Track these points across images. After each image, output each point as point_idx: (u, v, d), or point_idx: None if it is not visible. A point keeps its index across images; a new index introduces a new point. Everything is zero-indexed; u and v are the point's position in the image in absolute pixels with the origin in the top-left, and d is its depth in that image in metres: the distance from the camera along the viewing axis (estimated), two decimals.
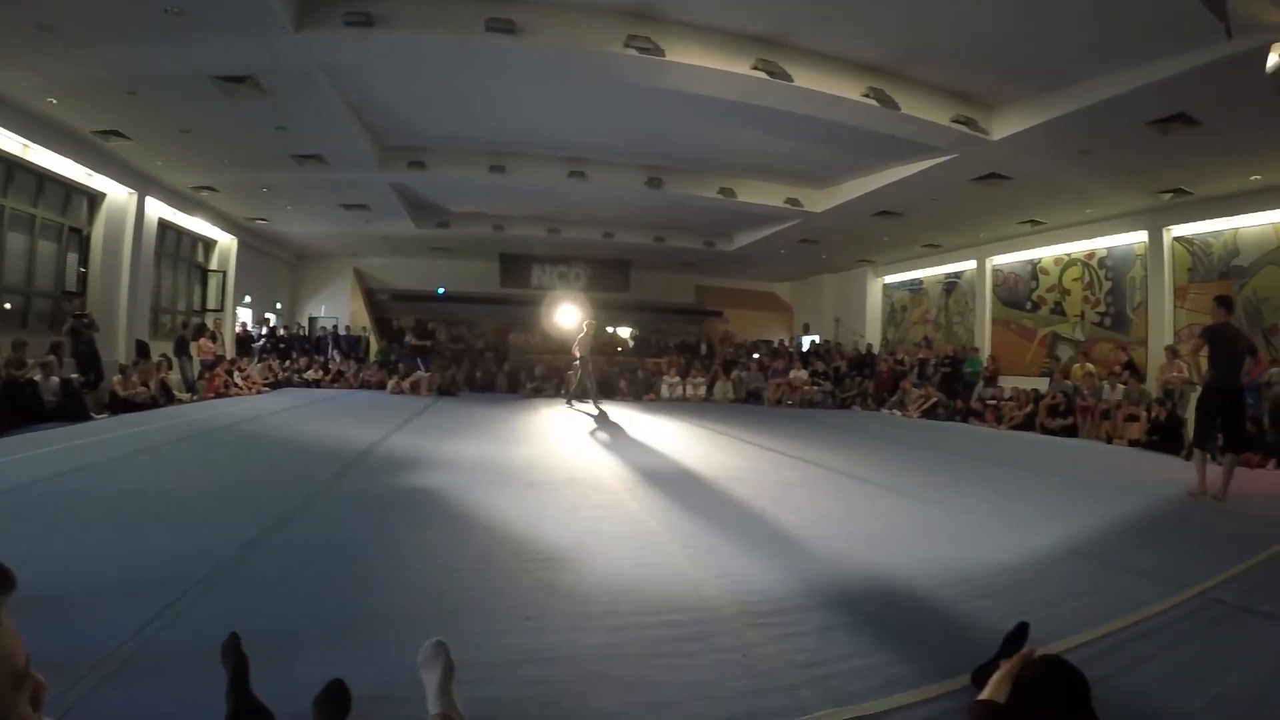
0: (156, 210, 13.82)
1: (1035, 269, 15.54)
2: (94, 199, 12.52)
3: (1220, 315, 6.43)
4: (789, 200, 14.11)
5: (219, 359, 14.27)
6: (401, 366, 17.02)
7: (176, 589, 3.00)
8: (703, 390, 17.20)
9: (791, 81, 8.27)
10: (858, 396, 16.46)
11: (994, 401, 13.27)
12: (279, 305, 21.48)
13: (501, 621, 2.86)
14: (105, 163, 11.76)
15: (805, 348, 20.97)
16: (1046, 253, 15.20)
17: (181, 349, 13.53)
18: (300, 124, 10.35)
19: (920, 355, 16.33)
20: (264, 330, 19.06)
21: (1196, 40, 6.64)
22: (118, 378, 10.48)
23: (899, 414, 14.52)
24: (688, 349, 21.88)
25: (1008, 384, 13.94)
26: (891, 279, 20.60)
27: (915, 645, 2.76)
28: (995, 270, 16.60)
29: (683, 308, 24.54)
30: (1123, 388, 11.15)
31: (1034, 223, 14.32)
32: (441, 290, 22.26)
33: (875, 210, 14.03)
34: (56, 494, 4.91)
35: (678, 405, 15.50)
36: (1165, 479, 7.21)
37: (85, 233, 12.46)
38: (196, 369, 13.66)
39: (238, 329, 18.28)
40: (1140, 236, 12.95)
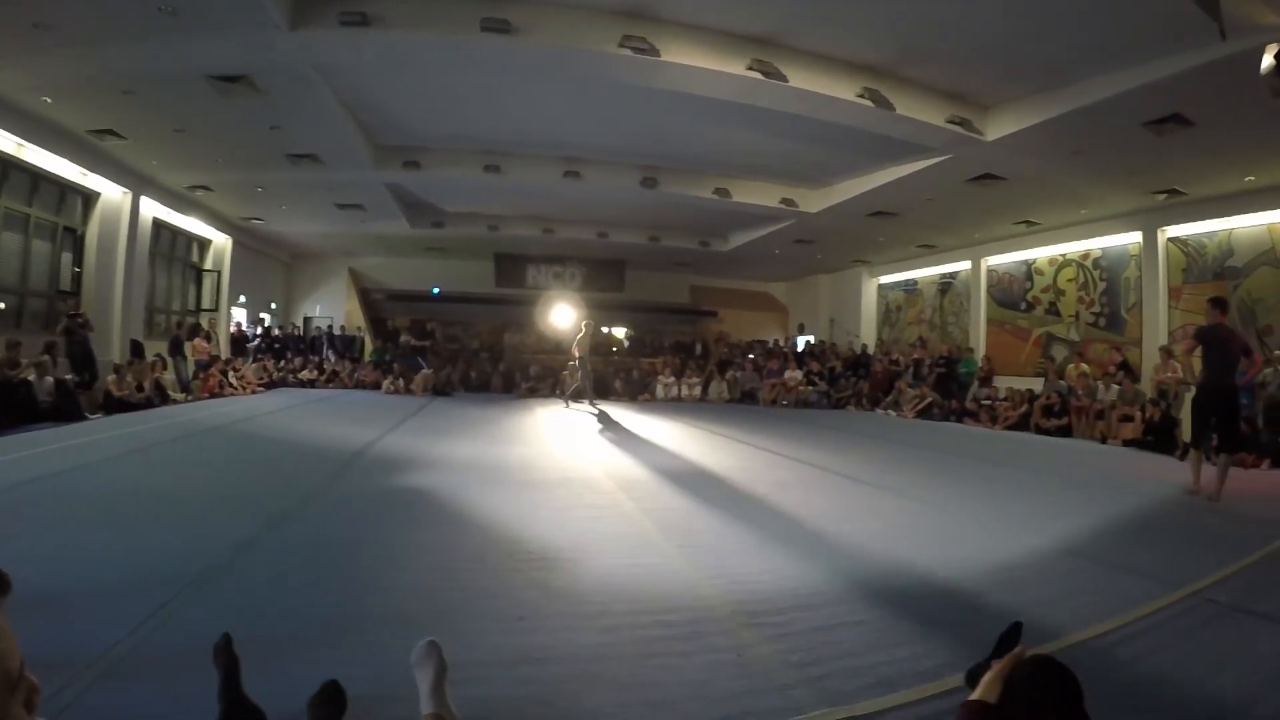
0: (151, 210, 13.77)
1: (1030, 269, 15.57)
2: (89, 198, 12.47)
3: (1214, 316, 6.44)
4: (784, 200, 14.12)
5: (214, 359, 14.23)
6: (396, 366, 17.02)
7: (170, 589, 3.00)
8: (698, 390, 17.20)
9: (786, 82, 8.28)
10: (853, 397, 16.47)
11: (989, 401, 13.29)
12: (274, 305, 21.41)
13: (495, 621, 2.86)
14: (100, 162, 11.72)
15: (800, 348, 21.02)
16: (1041, 253, 15.23)
17: (176, 349, 13.52)
18: (295, 123, 10.33)
19: (915, 355, 16.40)
20: (259, 330, 19.01)
21: (1191, 41, 6.66)
22: (112, 378, 10.46)
23: (894, 414, 14.55)
24: (683, 349, 21.87)
25: (1002, 384, 13.97)
26: (886, 279, 20.63)
27: (910, 645, 2.76)
28: (990, 270, 16.63)
29: (678, 308, 24.53)
30: (1117, 388, 11.18)
31: (1029, 223, 14.35)
32: (436, 290, 22.23)
33: (870, 210, 14.06)
34: (51, 494, 4.89)
35: (673, 405, 15.51)
36: (1160, 479, 7.23)
37: (80, 232, 12.42)
38: (191, 369, 13.64)
39: (232, 329, 18.24)
40: (1135, 237, 12.98)
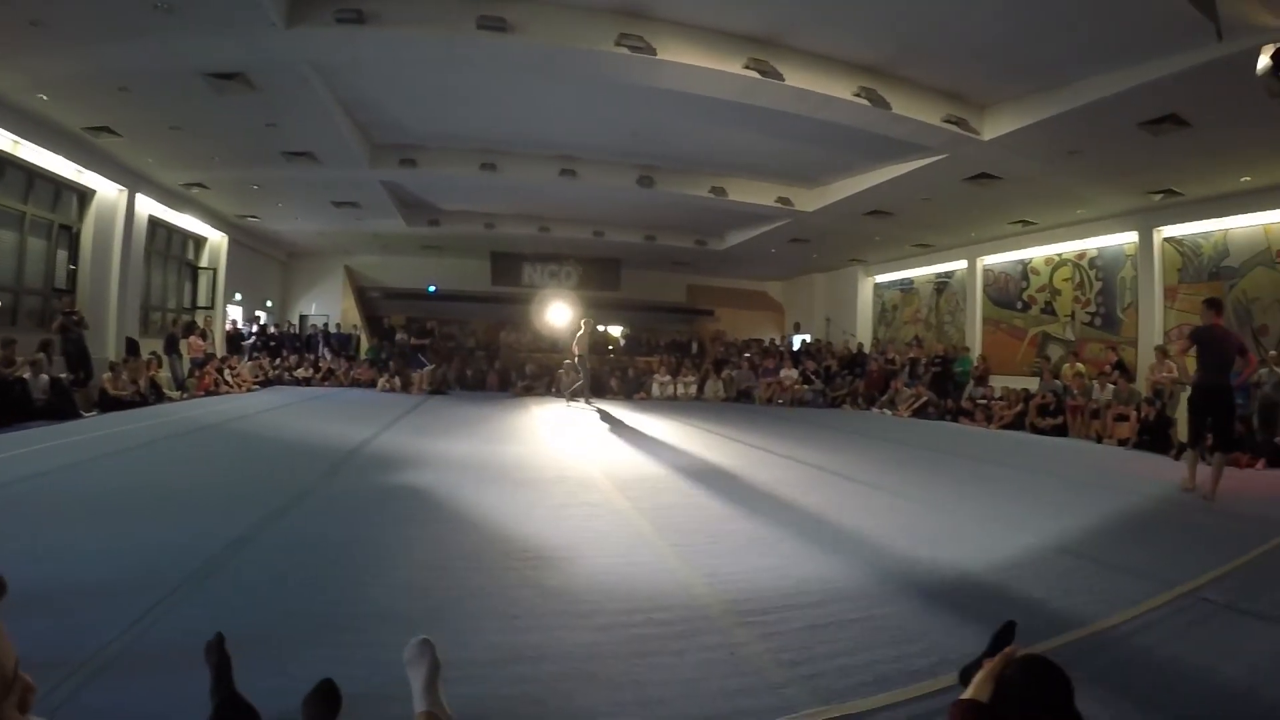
0: (147, 207, 13.73)
1: (1026, 269, 15.59)
2: (84, 196, 12.41)
3: (1209, 317, 6.45)
4: (780, 199, 14.12)
5: (209, 357, 14.19)
6: (392, 364, 16.99)
7: (165, 587, 3.00)
8: (694, 389, 17.19)
9: (783, 81, 8.28)
10: (848, 395, 16.47)
11: (984, 401, 13.30)
12: (269, 303, 21.35)
13: (489, 620, 2.86)
14: (95, 159, 11.69)
15: (796, 347, 21.01)
16: (1037, 253, 15.25)
17: (171, 347, 13.48)
18: (291, 121, 10.30)
19: (911, 354, 16.42)
20: (254, 328, 18.94)
21: (1188, 42, 6.66)
22: (107, 375, 10.43)
23: (889, 413, 14.55)
24: (679, 348, 21.85)
25: (998, 383, 13.96)
26: (882, 278, 20.65)
27: (903, 644, 2.77)
28: (986, 270, 16.65)
29: (674, 306, 24.54)
30: (1112, 387, 11.20)
31: (1025, 223, 14.37)
32: (433, 288, 22.21)
33: (866, 210, 14.06)
34: (45, 492, 4.88)
35: (668, 404, 15.51)
36: (1154, 478, 7.26)
37: (75, 230, 12.36)
38: (186, 367, 13.63)
39: (228, 327, 18.18)
40: (1131, 237, 13.01)
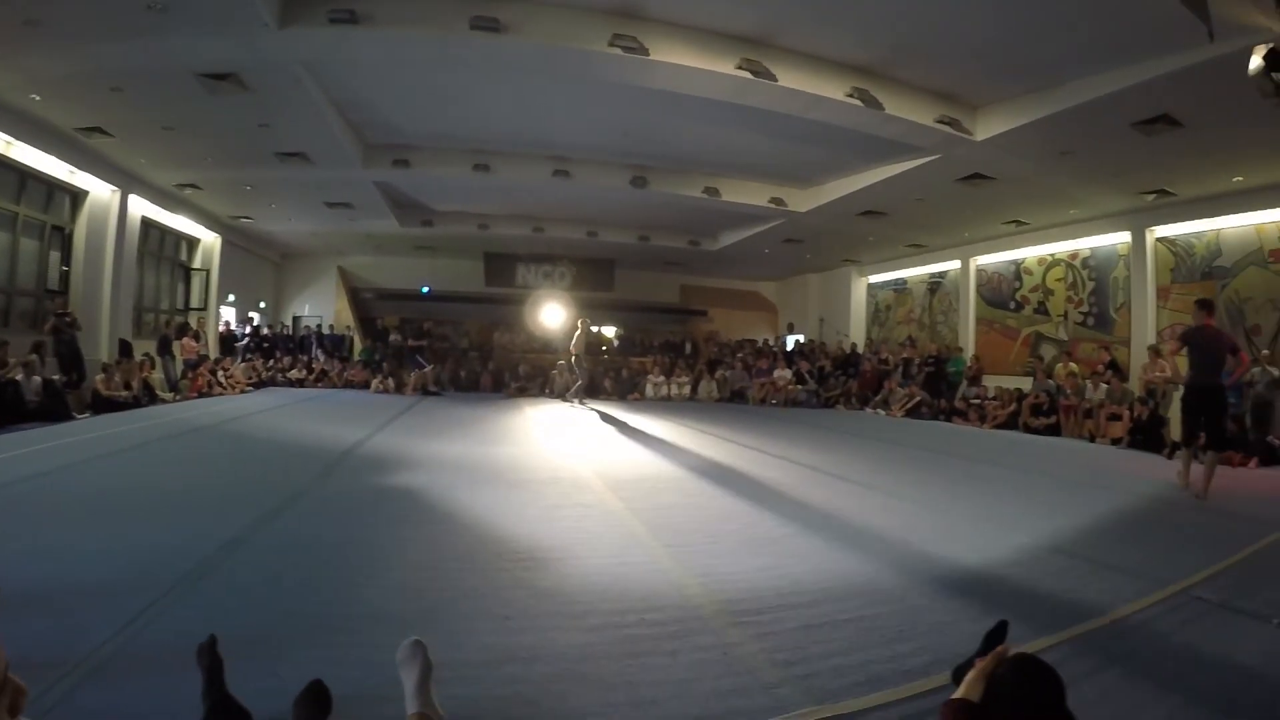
0: (140, 208, 13.67)
1: (1019, 269, 15.63)
2: (76, 197, 12.36)
3: (1200, 318, 6.48)
4: (773, 200, 14.14)
5: (202, 358, 14.13)
6: (385, 365, 16.98)
7: (158, 588, 3.00)
8: (687, 390, 17.20)
9: (776, 81, 8.28)
10: (842, 396, 16.51)
11: (977, 400, 13.35)
12: (263, 304, 21.28)
13: (482, 620, 2.86)
14: (88, 160, 11.62)
15: (790, 347, 21.05)
16: (1030, 253, 15.29)
17: (164, 348, 13.41)
18: (284, 121, 10.26)
19: (904, 354, 16.44)
20: (248, 329, 18.92)
21: (1180, 42, 6.68)
22: (100, 377, 10.38)
23: (883, 413, 14.59)
24: (672, 348, 21.87)
25: (991, 383, 14.00)
26: (876, 278, 20.69)
27: (896, 643, 2.77)
28: (979, 270, 16.69)
29: (667, 307, 24.53)
30: (1105, 387, 11.24)
31: (1018, 223, 14.40)
32: (426, 289, 22.15)
33: (859, 210, 14.08)
34: (38, 494, 4.86)
35: (662, 405, 15.51)
36: (1147, 478, 7.30)
37: (68, 231, 12.30)
38: (179, 368, 13.54)
39: (221, 328, 18.10)
40: (1123, 237, 13.05)
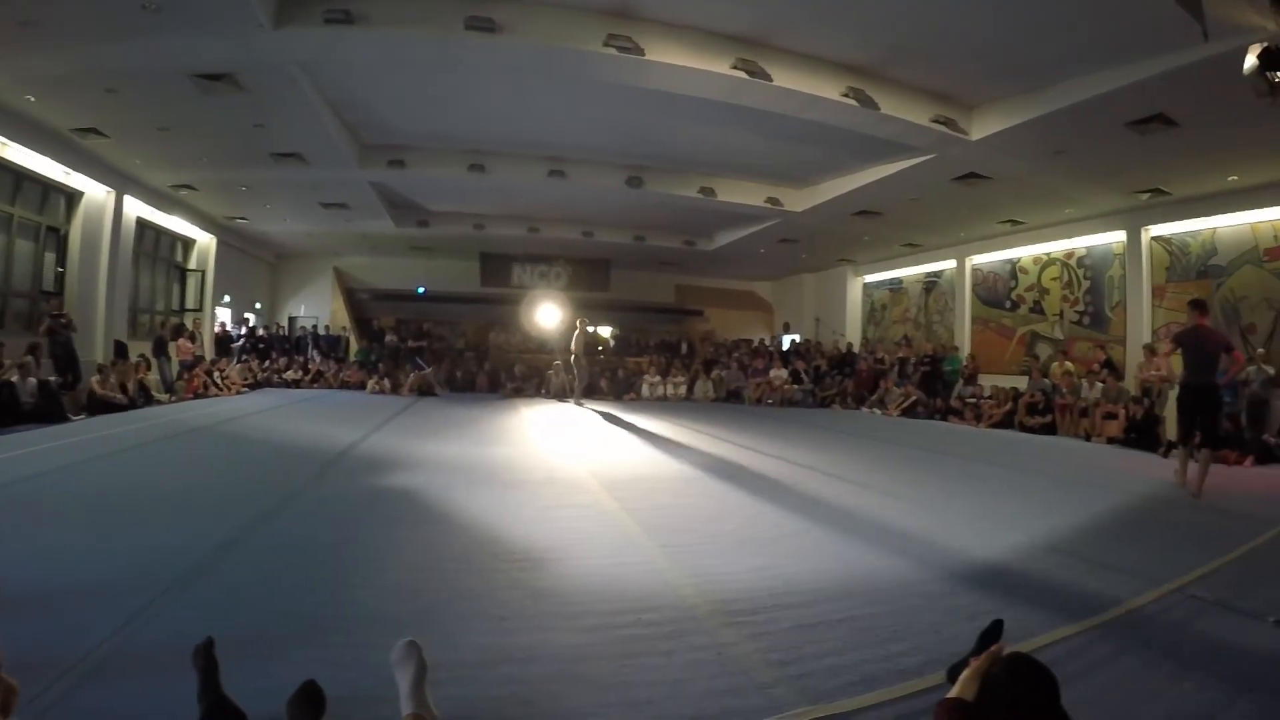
0: (135, 209, 13.64)
1: (1014, 268, 15.67)
2: (72, 198, 12.32)
3: (1194, 318, 6.51)
4: (769, 199, 14.16)
5: (198, 359, 14.10)
6: (381, 366, 16.98)
7: (154, 589, 2.99)
8: (683, 389, 17.21)
9: (771, 81, 8.29)
10: (838, 395, 16.51)
11: (973, 400, 13.35)
12: (258, 305, 21.25)
13: (478, 621, 2.86)
14: (83, 161, 11.59)
15: (785, 347, 21.10)
16: (1026, 252, 15.34)
17: (160, 349, 13.40)
18: (279, 122, 10.24)
19: (900, 354, 16.48)
20: (243, 330, 18.88)
21: (1174, 42, 6.70)
22: (96, 378, 10.36)
23: (879, 413, 14.60)
24: (668, 348, 21.88)
25: (987, 382, 14.01)
26: (871, 278, 20.73)
27: (890, 643, 2.77)
28: (975, 269, 16.73)
29: (663, 307, 24.55)
30: (1101, 386, 11.27)
31: (1013, 222, 14.44)
32: (422, 289, 22.14)
33: (855, 210, 14.11)
34: (34, 495, 4.85)
35: (658, 404, 15.51)
36: (1142, 476, 7.31)
37: (63, 232, 12.27)
38: (175, 369, 13.53)
39: (217, 329, 18.08)
40: (1119, 236, 13.10)
